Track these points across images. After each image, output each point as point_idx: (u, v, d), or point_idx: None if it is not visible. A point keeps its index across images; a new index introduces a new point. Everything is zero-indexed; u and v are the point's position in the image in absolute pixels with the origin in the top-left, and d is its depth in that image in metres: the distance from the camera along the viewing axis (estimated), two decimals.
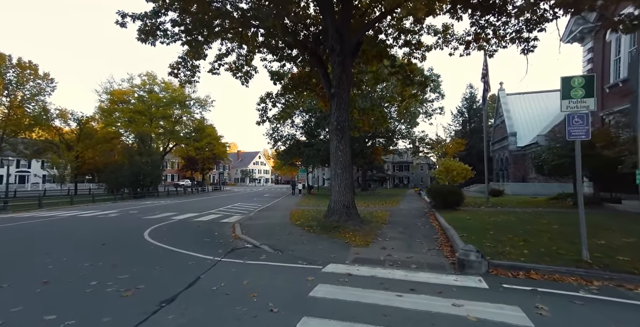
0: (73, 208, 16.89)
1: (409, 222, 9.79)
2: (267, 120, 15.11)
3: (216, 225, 9.82)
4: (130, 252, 5.87)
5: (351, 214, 8.59)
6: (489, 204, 14.22)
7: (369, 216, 10.57)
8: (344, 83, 8.95)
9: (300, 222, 9.61)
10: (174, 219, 11.33)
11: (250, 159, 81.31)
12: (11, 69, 27.43)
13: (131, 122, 31.42)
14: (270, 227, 8.99)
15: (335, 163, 8.91)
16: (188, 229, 9.02)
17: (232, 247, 6.35)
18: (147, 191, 29.30)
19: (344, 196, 8.71)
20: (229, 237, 7.69)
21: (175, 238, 7.43)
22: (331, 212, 8.81)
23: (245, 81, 13.55)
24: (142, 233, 7.97)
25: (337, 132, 8.86)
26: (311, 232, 7.93)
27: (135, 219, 11.46)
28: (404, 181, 61.36)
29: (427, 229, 8.46)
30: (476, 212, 11.19)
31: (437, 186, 13.04)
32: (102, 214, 13.08)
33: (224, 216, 12.37)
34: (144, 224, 9.91)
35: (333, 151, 8.99)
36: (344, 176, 8.80)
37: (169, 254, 5.74)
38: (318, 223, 8.84)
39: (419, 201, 19.87)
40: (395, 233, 7.78)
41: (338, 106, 8.91)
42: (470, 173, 19.35)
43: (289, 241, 6.94)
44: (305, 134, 33.41)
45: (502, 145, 31.79)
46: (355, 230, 7.80)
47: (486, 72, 15.34)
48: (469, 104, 47.66)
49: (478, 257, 4.22)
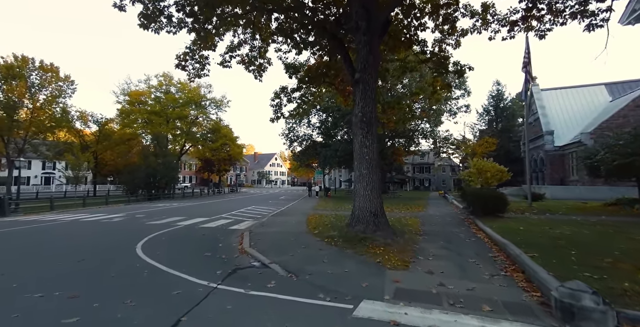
0: (83, 211, 16.35)
1: (448, 232, 8.23)
2: (281, 116, 13.90)
3: (223, 233, 8.64)
4: (106, 273, 4.69)
5: (380, 224, 7.16)
6: (534, 210, 12.35)
7: (397, 224, 9.09)
8: (371, 66, 7.57)
9: (318, 232, 8.27)
10: (180, 224, 10.28)
11: (266, 160, 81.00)
12: (34, 71, 27.89)
13: (148, 123, 31.29)
14: (284, 237, 7.70)
15: (359, 162, 7.52)
16: (190, 238, 7.88)
17: (235, 266, 5.08)
18: (162, 192, 28.93)
19: (370, 202, 7.29)
20: (235, 250, 6.45)
21: (171, 252, 6.27)
22: (355, 221, 7.42)
23: (258, 75, 12.48)
24: (136, 244, 6.88)
25: (362, 125, 7.47)
26: (332, 245, 6.57)
27: (137, 224, 10.51)
28: (425, 183, 58.75)
29: (474, 242, 6.90)
30: (525, 220, 9.45)
31: (475, 190, 11.35)
32: (106, 218, 12.27)
33: (234, 222, 11.24)
34: (144, 231, 8.88)
35: (357, 148, 7.60)
36: (370, 177, 7.39)
37: (153, 277, 4.53)
38: (340, 233, 7.46)
39: (448, 205, 18.07)
40: (438, 248, 6.28)
41: (363, 94, 7.53)
42: (507, 175, 17.35)
43: (306, 257, 5.60)
44: (322, 134, 32.15)
45: (535, 145, 29.16)
46: (386, 244, 6.37)
47: (528, 61, 13.47)
48: (495, 102, 44.84)
49: (598, 303, 2.71)
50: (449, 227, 9.14)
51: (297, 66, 14.24)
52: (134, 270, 4.87)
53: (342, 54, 9.02)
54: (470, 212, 11.40)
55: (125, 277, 4.52)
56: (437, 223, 10.15)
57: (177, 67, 10.96)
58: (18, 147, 27.37)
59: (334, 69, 12.09)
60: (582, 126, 24.09)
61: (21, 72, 26.33)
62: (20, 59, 26.97)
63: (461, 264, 5.12)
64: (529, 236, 6.62)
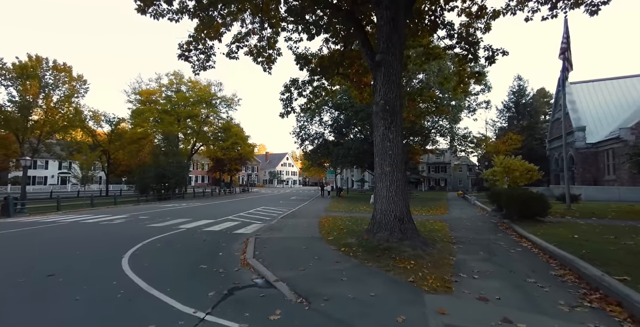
0: (89, 211, 15.88)
1: (485, 240, 7.04)
2: (292, 111, 12.91)
3: (226, 239, 7.73)
4: (71, 295, 3.73)
5: (407, 231, 6.06)
6: (575, 213, 10.95)
7: (422, 229, 7.95)
8: (395, 46, 6.48)
9: (333, 238, 7.24)
10: (181, 228, 9.46)
11: (278, 160, 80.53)
12: (47, 71, 28.01)
13: (159, 123, 31.05)
14: (294, 244, 6.71)
15: (381, 158, 6.44)
16: (188, 245, 6.98)
17: (233, 285, 4.12)
18: (172, 192, 28.54)
19: (395, 204, 6.20)
20: (236, 260, 5.49)
21: (161, 263, 5.37)
22: (377, 227, 6.34)
23: (267, 67, 11.58)
24: (125, 252, 6.03)
25: (385, 115, 6.39)
26: (350, 256, 5.53)
27: (137, 227, 9.75)
28: (441, 183, 56.76)
29: (522, 254, 5.70)
30: (574, 226, 8.12)
31: (510, 190, 10.04)
32: (107, 220, 11.61)
33: (240, 224, 10.35)
34: (141, 235, 8.08)
35: (378, 142, 6.53)
36: (394, 176, 6.30)
37: (126, 302, 3.59)
38: (359, 241, 6.41)
39: (471, 207, 16.70)
40: (480, 262, 5.14)
41: (386, 78, 6.44)
42: (537, 174, 15.81)
43: (320, 273, 4.59)
44: (334, 132, 31.09)
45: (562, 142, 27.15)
46: (417, 256, 5.27)
47: (567, 46, 12.02)
48: (516, 98, 42.60)
49: None
50: (483, 234, 7.94)
51: (308, 57, 13.24)
52: (108, 291, 3.94)
53: (359, 37, 7.96)
54: (503, 216, 10.10)
55: (91, 301, 3.59)
56: (468, 228, 8.94)
57: (180, 57, 10.13)
58: (32, 147, 27.53)
59: (348, 58, 11.07)
60: (618, 121, 22.13)
61: (35, 72, 26.42)
62: (34, 59, 27.12)
63: (519, 285, 3.98)
64: (594, 247, 5.38)
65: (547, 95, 45.44)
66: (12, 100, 25.97)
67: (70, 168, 47.10)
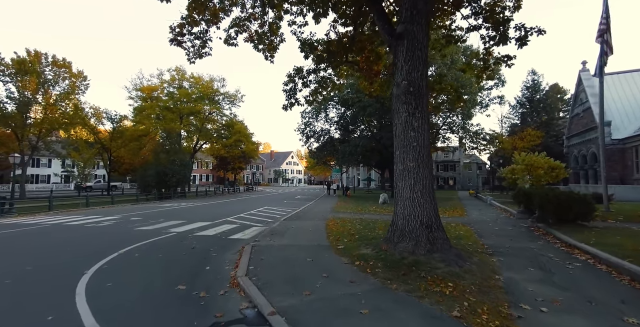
0: (82, 212, 15.00)
1: (526, 250, 5.83)
2: (295, 103, 11.75)
3: (219, 246, 6.64)
4: None
5: (436, 240, 4.89)
6: (619, 216, 9.65)
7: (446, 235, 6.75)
8: (421, 14, 5.30)
9: (343, 246, 6.10)
10: (172, 232, 8.41)
11: (283, 159, 79.57)
12: (47, 67, 27.33)
13: (160, 120, 30.19)
14: (297, 254, 5.59)
15: (403, 151, 5.28)
16: (171, 255, 5.89)
17: (214, 320, 3.02)
18: (174, 191, 27.69)
19: (420, 207, 5.04)
20: (224, 278, 4.40)
21: (128, 283, 4.29)
22: (399, 235, 5.18)
23: (270, 55, 10.52)
24: (91, 266, 4.97)
25: (408, 97, 5.22)
26: (368, 273, 4.39)
27: (122, 231, 8.72)
28: (449, 182, 55.20)
29: (585, 271, 4.50)
30: (629, 232, 6.85)
31: (545, 191, 8.76)
32: (94, 222, 10.63)
33: (239, 228, 9.28)
34: (122, 241, 7.05)
35: (400, 131, 5.36)
36: (419, 172, 5.14)
37: None
38: (376, 252, 5.26)
39: (489, 207, 15.40)
40: (538, 284, 3.95)
41: (410, 54, 5.26)
42: (564, 172, 14.44)
43: (330, 300, 3.46)
44: (340, 129, 29.88)
45: (584, 138, 25.55)
46: (453, 274, 4.11)
47: (607, 27, 10.66)
48: (530, 94, 40.78)
49: None
50: (520, 241, 6.72)
51: (313, 44, 12.07)
52: None
53: (373, 9, 6.80)
54: (536, 219, 8.84)
55: None
56: (498, 234, 7.73)
57: (172, 42, 9.03)
58: (31, 145, 26.91)
59: (359, 42, 9.93)
60: None
61: (33, 67, 25.73)
62: (33, 54, 26.45)
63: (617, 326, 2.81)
64: None
65: (560, 91, 43.56)
66: (11, 96, 25.33)
67: (74, 166, 46.83)
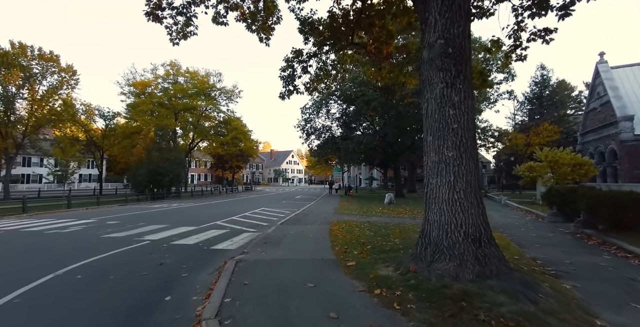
0: (59, 214, 13.61)
1: (597, 268, 4.42)
2: (294, 91, 10.29)
3: (195, 261, 5.23)
4: None
5: (489, 260, 3.46)
6: None
7: None
8: None
9: (355, 263, 4.67)
10: (145, 240, 7.00)
11: (283, 158, 78.07)
12: (32, 60, 25.92)
13: (154, 116, 28.81)
14: (294, 277, 4.18)
15: (438, 135, 3.85)
16: (126, 277, 4.43)
17: None
18: (167, 191, 26.28)
19: (464, 213, 3.62)
20: (186, 319, 3.00)
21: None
22: (433, 251, 3.76)
23: (265, 37, 9.14)
24: (3, 296, 3.57)
25: (445, 62, 3.79)
26: (396, 310, 2.98)
27: (85, 239, 7.29)
28: None
29: None
30: None
31: (597, 192, 7.32)
32: (60, 227, 9.20)
33: (227, 234, 7.87)
34: (76, 254, 5.65)
35: (432, 110, 3.93)
36: (462, 165, 3.72)
37: None
38: (402, 274, 3.83)
39: (507, 209, 13.98)
40: None
41: (447, 7, 3.84)
42: (594, 169, 13.03)
43: None
44: (342, 126, 28.44)
45: (601, 134, 24.05)
46: (528, 317, 2.70)
47: None
48: (539, 89, 39.29)
49: None
50: (576, 254, 5.30)
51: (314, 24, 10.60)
52: None
53: None
54: (581, 224, 7.42)
55: None
56: (540, 243, 6.31)
57: (148, 17, 7.59)
58: (16, 143, 25.53)
59: (367, 18, 8.56)
60: None
61: (17, 60, 24.32)
62: (17, 46, 25.03)
63: None
64: None
65: (568, 88, 42.18)
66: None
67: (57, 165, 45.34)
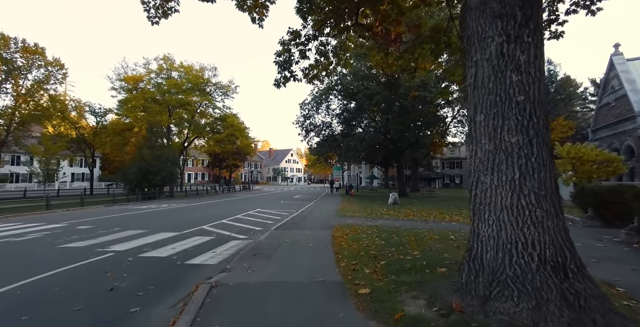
0: (31, 217, 12.36)
1: None
2: (291, 78, 8.95)
3: (158, 285, 3.99)
4: None
5: (585, 302, 2.25)
6: None
7: None
8: None
9: (369, 289, 3.43)
10: (109, 251, 5.75)
11: (282, 156, 76.73)
12: (15, 53, 24.54)
13: (146, 112, 27.47)
14: (285, 314, 2.94)
15: (495, 113, 2.63)
16: (47, 318, 3.21)
17: None
18: (160, 191, 25.02)
19: (537, 227, 2.40)
20: None
21: None
22: (489, 280, 2.55)
23: (258, 17, 7.86)
24: None
25: (505, 8, 2.56)
26: None
27: (36, 251, 6.04)
28: (456, 180, 52.52)
29: None
30: None
31: None
32: (17, 234, 7.91)
33: (211, 242, 6.64)
34: (8, 275, 4.40)
35: (485, 75, 2.70)
36: (532, 156, 2.50)
37: None
38: (442, 315, 2.60)
39: None
40: None
41: None
42: (622, 166, 11.81)
43: None
44: (342, 123, 27.17)
45: (616, 130, 22.82)
46: None
47: None
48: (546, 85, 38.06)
49: None
50: None
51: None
52: None
53: None
54: (636, 230, 6.20)
55: None
56: (595, 256, 5.08)
57: None
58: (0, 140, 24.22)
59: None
60: None
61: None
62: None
63: None
64: None
65: (573, 84, 41.09)
66: None
67: (59, 165, 44.02)
